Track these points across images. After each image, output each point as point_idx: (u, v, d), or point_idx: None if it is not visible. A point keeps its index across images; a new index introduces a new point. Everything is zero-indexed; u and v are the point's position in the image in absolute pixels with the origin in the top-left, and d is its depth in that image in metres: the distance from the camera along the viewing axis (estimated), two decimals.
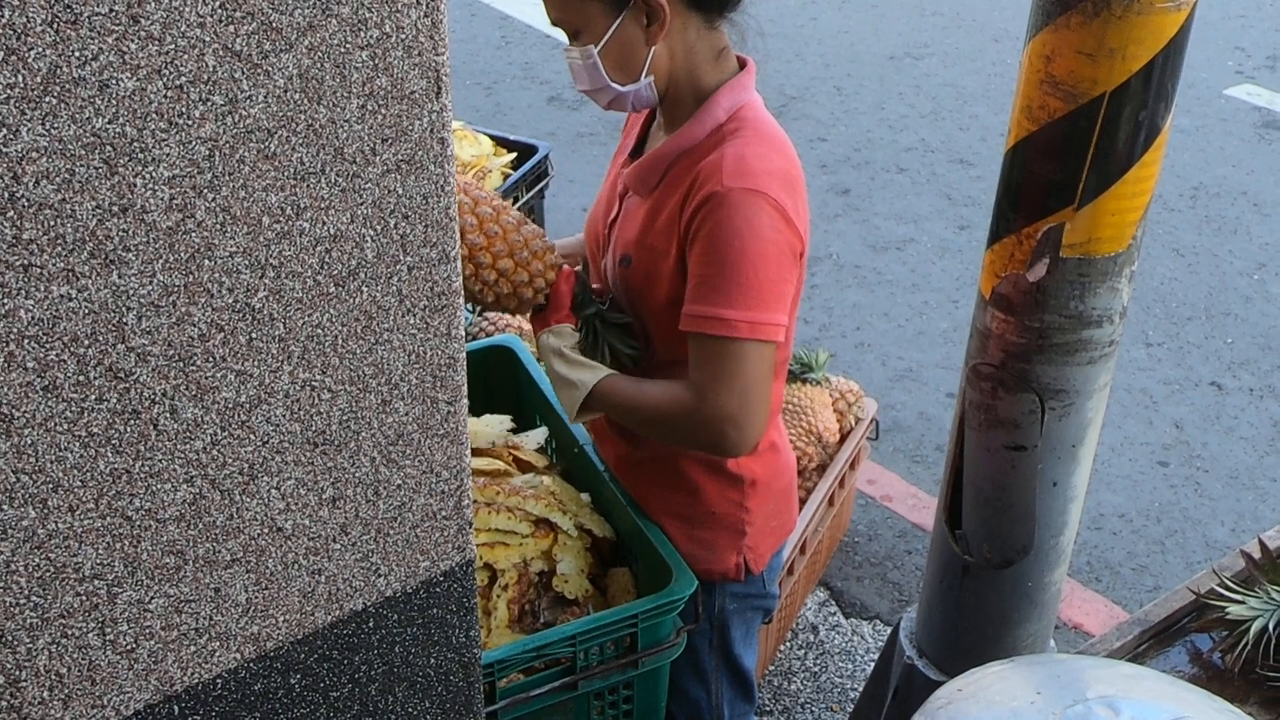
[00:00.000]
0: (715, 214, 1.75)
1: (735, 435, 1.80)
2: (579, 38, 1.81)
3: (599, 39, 1.79)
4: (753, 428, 1.81)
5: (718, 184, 1.76)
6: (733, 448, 1.83)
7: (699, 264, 1.78)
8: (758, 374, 1.78)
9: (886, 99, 6.13)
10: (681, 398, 1.82)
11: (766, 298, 1.77)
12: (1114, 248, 1.74)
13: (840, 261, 4.82)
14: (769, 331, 1.77)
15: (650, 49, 1.81)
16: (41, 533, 1.13)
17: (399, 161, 1.20)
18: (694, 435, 1.84)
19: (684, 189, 1.82)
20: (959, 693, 1.46)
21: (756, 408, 1.79)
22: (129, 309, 1.09)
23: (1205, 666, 1.90)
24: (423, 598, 1.45)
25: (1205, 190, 5.34)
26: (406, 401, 1.33)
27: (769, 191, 1.76)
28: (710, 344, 1.78)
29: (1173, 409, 4.07)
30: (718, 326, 1.76)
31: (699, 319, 1.78)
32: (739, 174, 1.76)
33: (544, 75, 6.34)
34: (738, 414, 1.78)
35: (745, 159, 1.78)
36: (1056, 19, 1.63)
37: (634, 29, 1.79)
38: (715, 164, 1.79)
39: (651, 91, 1.86)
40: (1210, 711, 1.39)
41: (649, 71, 1.83)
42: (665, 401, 1.84)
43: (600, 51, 1.80)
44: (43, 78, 0.97)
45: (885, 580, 3.39)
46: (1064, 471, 1.92)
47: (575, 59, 1.83)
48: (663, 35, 1.80)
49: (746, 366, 1.77)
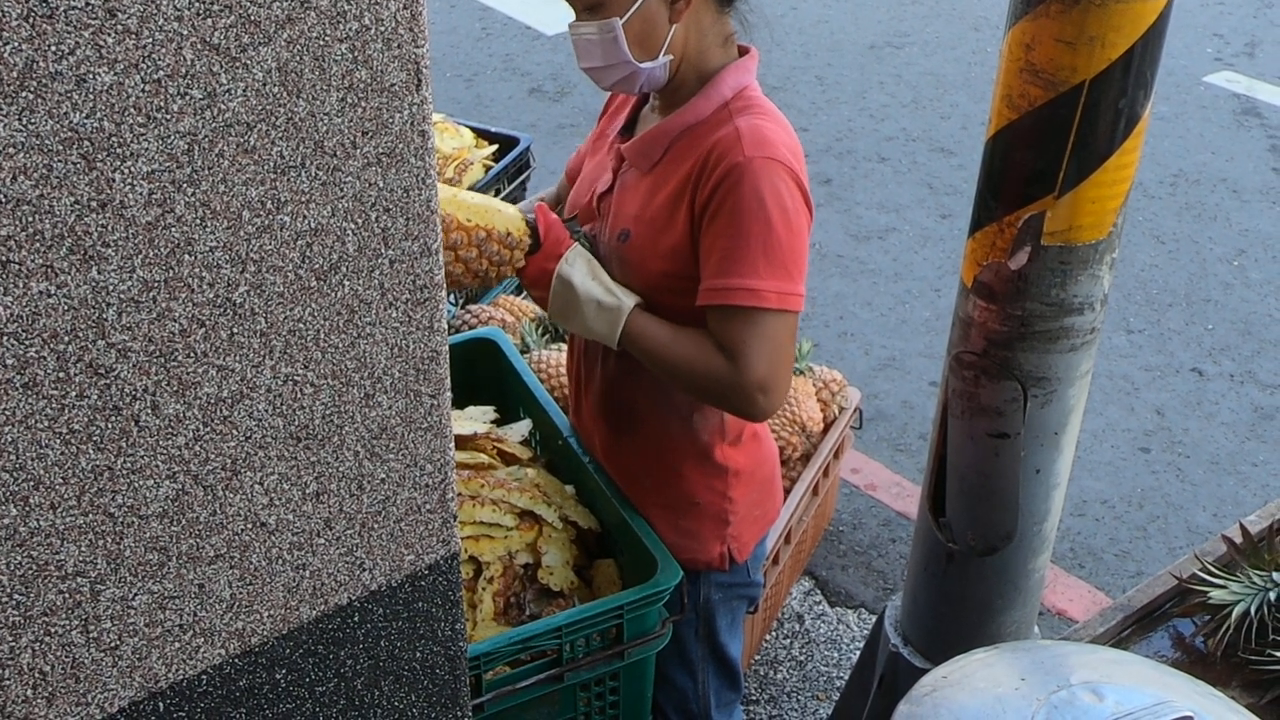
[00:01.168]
0: (740, 185, 1.75)
1: (764, 402, 1.82)
2: (598, 11, 1.79)
3: (624, 12, 1.77)
4: (781, 393, 1.83)
5: (739, 155, 1.76)
6: (761, 413, 1.85)
7: (721, 235, 1.78)
8: (785, 342, 1.81)
9: (867, 88, 6.14)
10: (715, 362, 1.81)
11: (791, 268, 1.78)
12: (1095, 235, 1.75)
13: (823, 251, 4.82)
14: (794, 302, 1.79)
15: (672, 27, 1.81)
16: (23, 530, 1.12)
17: (379, 155, 1.20)
18: (723, 399, 1.86)
19: (693, 163, 1.82)
20: (944, 680, 1.47)
21: (785, 374, 1.83)
22: (109, 305, 1.09)
23: (1188, 651, 1.91)
24: (408, 591, 1.45)
25: (1185, 177, 5.36)
26: (390, 395, 1.32)
27: (787, 162, 1.78)
28: (740, 315, 1.78)
29: (1154, 395, 4.09)
30: (747, 297, 1.77)
31: (726, 291, 1.78)
32: (758, 144, 1.77)
33: (525, 67, 6.32)
34: (766, 382, 1.80)
35: (761, 129, 1.79)
36: (1036, 7, 1.63)
37: (659, 6, 1.79)
38: (732, 137, 1.79)
39: (664, 72, 1.85)
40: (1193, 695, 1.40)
41: (668, 50, 1.83)
42: (699, 360, 1.83)
43: (624, 25, 1.78)
44: (19, 72, 0.96)
45: (870, 569, 3.40)
46: (1046, 458, 1.93)
47: (590, 34, 1.80)
48: (687, 14, 1.80)
49: (777, 336, 1.79)
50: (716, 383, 1.82)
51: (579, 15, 1.82)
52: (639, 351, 1.90)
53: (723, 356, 1.81)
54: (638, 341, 1.88)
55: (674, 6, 1.80)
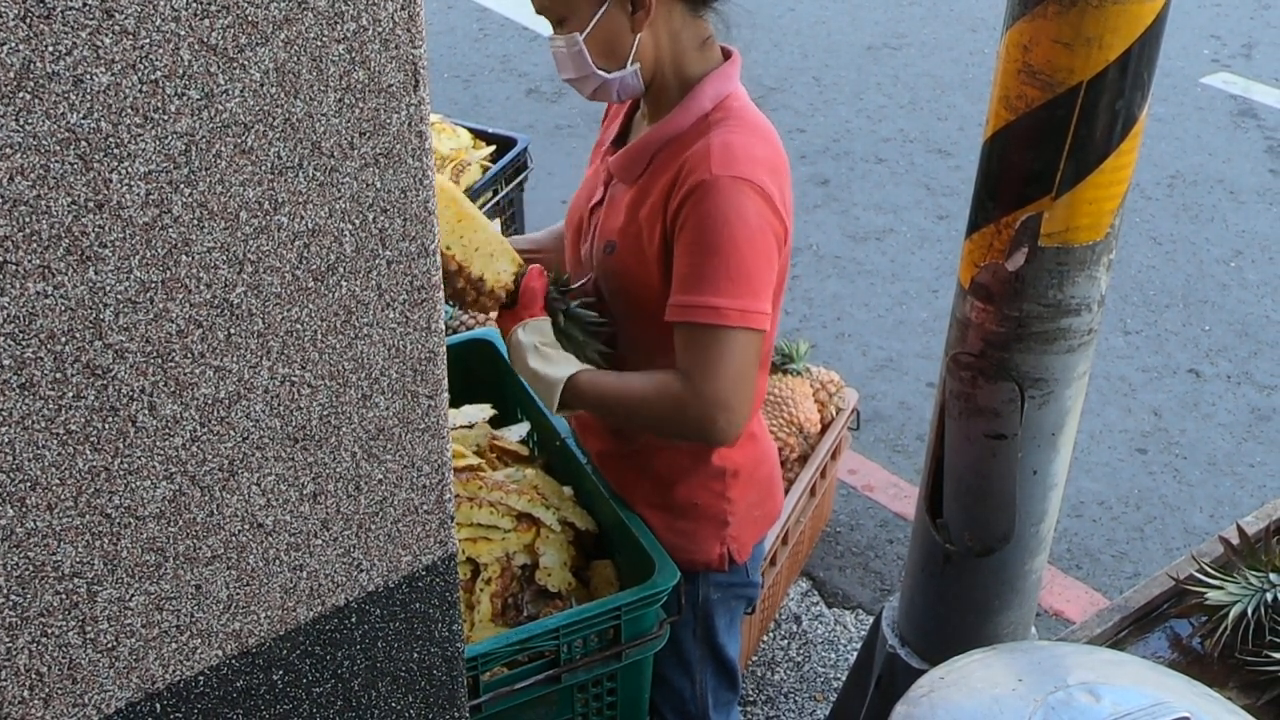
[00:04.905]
0: (703, 203, 1.76)
1: (724, 422, 1.81)
2: (564, 25, 1.82)
3: (584, 26, 1.79)
4: (741, 414, 1.82)
5: (705, 172, 1.76)
6: (721, 435, 1.84)
7: (687, 253, 1.79)
8: (747, 361, 1.79)
9: (865, 89, 6.14)
10: (670, 387, 1.82)
11: (755, 286, 1.78)
12: (1092, 236, 1.75)
13: (820, 252, 4.82)
14: (757, 320, 1.78)
15: (636, 36, 1.81)
16: (20, 531, 1.12)
17: (377, 155, 1.20)
18: (683, 424, 1.85)
19: (669, 177, 1.82)
20: (941, 680, 1.47)
21: (745, 395, 1.81)
22: (106, 305, 1.09)
23: (1185, 652, 1.91)
24: (405, 592, 1.45)
25: (1182, 178, 5.37)
26: (387, 396, 1.32)
27: (755, 179, 1.77)
28: (700, 333, 1.78)
29: (1151, 396, 4.09)
30: (708, 315, 1.77)
31: (688, 308, 1.79)
32: (726, 162, 1.77)
33: (522, 68, 6.32)
34: (728, 401, 1.79)
35: (732, 147, 1.79)
36: (1034, 8, 1.64)
37: (619, 16, 1.80)
38: (702, 152, 1.79)
39: (637, 79, 1.86)
40: (1190, 696, 1.40)
41: (634, 59, 1.83)
42: (651, 391, 1.84)
43: (585, 39, 1.80)
44: (16, 73, 0.96)
45: (867, 570, 3.40)
46: (1044, 459, 1.93)
47: (560, 47, 1.83)
48: (647, 22, 1.81)
49: (736, 354, 1.78)
50: (674, 408, 1.82)
51: (554, 30, 1.85)
52: (591, 409, 1.94)
53: (678, 381, 1.81)
54: (586, 399, 1.90)
55: (634, 16, 1.80)
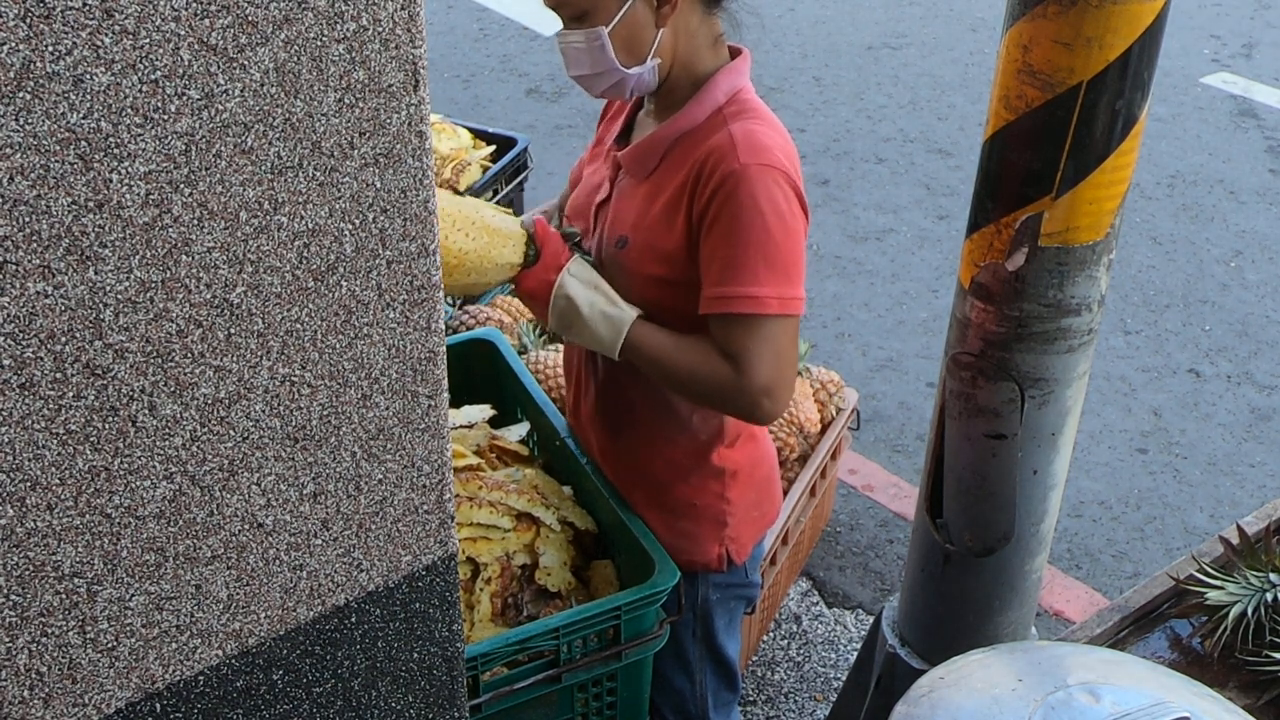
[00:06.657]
0: (736, 193, 1.76)
1: (769, 405, 1.83)
2: (586, 19, 1.79)
3: (610, 20, 1.78)
4: (785, 397, 1.85)
5: (734, 162, 1.76)
6: (766, 417, 1.86)
7: (721, 244, 1.78)
8: (788, 346, 1.82)
9: (865, 89, 6.14)
10: (719, 368, 1.82)
11: (791, 272, 1.79)
12: (1092, 236, 1.75)
13: (820, 252, 4.83)
14: (795, 305, 1.80)
15: (659, 31, 1.81)
16: (20, 531, 1.12)
17: (377, 155, 1.20)
18: (728, 404, 1.87)
19: (689, 170, 1.82)
20: (941, 680, 1.47)
21: (789, 378, 1.84)
22: (106, 305, 1.09)
23: (1185, 652, 1.91)
24: (405, 592, 1.45)
25: (1182, 178, 5.37)
26: (387, 396, 1.32)
27: (782, 167, 1.78)
28: (743, 322, 1.79)
29: (1151, 396, 4.09)
30: (749, 305, 1.78)
31: (728, 299, 1.79)
32: (752, 150, 1.77)
33: (522, 67, 6.32)
34: (773, 386, 1.81)
35: (755, 135, 1.79)
36: (1034, 8, 1.64)
37: (645, 10, 1.79)
38: (726, 143, 1.79)
39: (654, 76, 1.85)
40: (1190, 696, 1.40)
41: (655, 54, 1.83)
42: (702, 367, 1.84)
43: (610, 32, 1.79)
44: (16, 73, 0.96)
45: (867, 569, 3.40)
46: (1044, 459, 1.93)
47: (577, 42, 1.81)
48: (673, 16, 1.80)
49: (779, 340, 1.80)
50: (720, 389, 1.83)
51: (566, 24, 1.83)
52: (642, 360, 1.90)
53: (726, 363, 1.81)
54: (641, 350, 1.88)
55: (660, 10, 1.80)
